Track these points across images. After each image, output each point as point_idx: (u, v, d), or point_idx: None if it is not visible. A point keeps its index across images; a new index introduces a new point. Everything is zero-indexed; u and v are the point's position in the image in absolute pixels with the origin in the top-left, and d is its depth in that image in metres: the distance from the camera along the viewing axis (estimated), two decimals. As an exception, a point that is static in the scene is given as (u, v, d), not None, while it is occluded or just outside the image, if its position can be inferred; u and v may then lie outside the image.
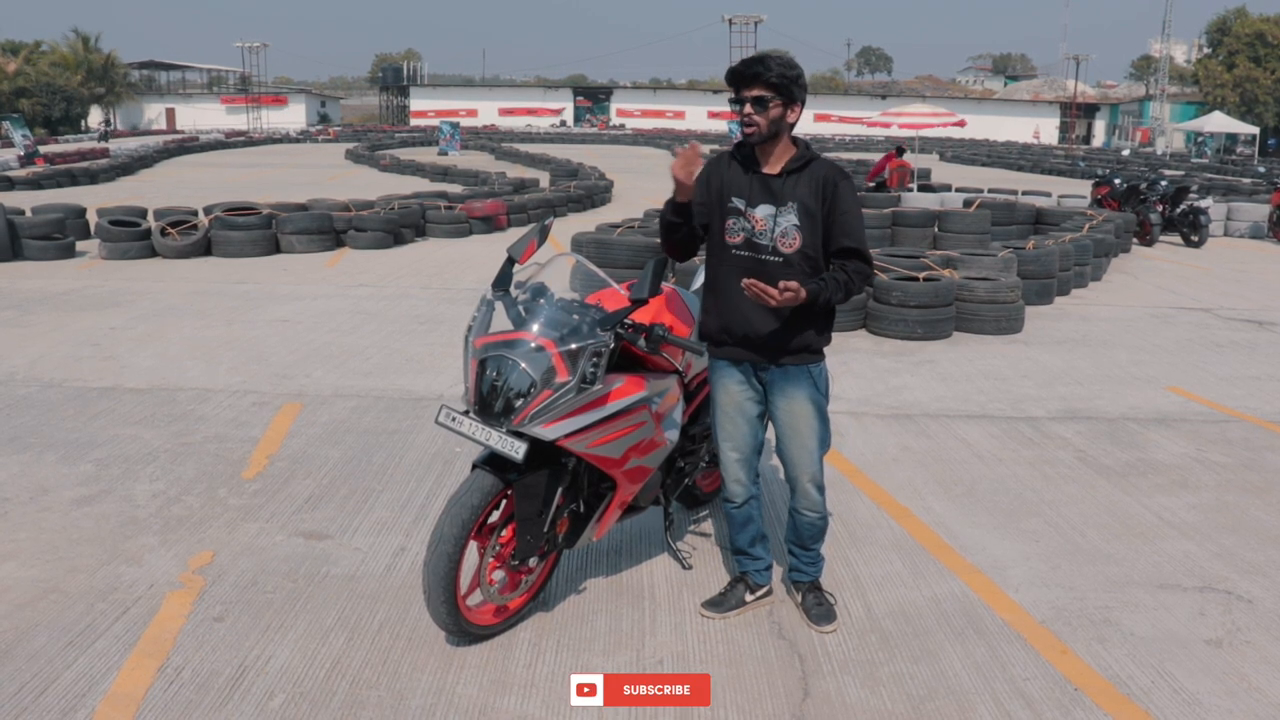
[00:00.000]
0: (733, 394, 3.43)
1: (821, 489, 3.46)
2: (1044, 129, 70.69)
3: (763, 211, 3.25)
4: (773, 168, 3.27)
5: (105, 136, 46.29)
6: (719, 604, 3.59)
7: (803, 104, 3.23)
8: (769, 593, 3.68)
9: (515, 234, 14.73)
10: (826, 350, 3.44)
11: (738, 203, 3.28)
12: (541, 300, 3.26)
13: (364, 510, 4.44)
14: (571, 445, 3.18)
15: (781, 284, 3.04)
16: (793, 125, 3.25)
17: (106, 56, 63.23)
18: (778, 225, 3.24)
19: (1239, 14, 58.61)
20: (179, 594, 3.64)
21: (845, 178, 3.27)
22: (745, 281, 3.08)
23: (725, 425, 3.47)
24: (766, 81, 3.14)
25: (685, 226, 3.29)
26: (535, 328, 3.15)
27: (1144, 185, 17.09)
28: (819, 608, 3.55)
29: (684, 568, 3.94)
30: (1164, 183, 17.35)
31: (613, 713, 2.98)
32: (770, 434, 3.59)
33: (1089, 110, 75.05)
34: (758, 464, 3.55)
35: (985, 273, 9.25)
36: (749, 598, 3.62)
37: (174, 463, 4.98)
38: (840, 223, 3.22)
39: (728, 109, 3.55)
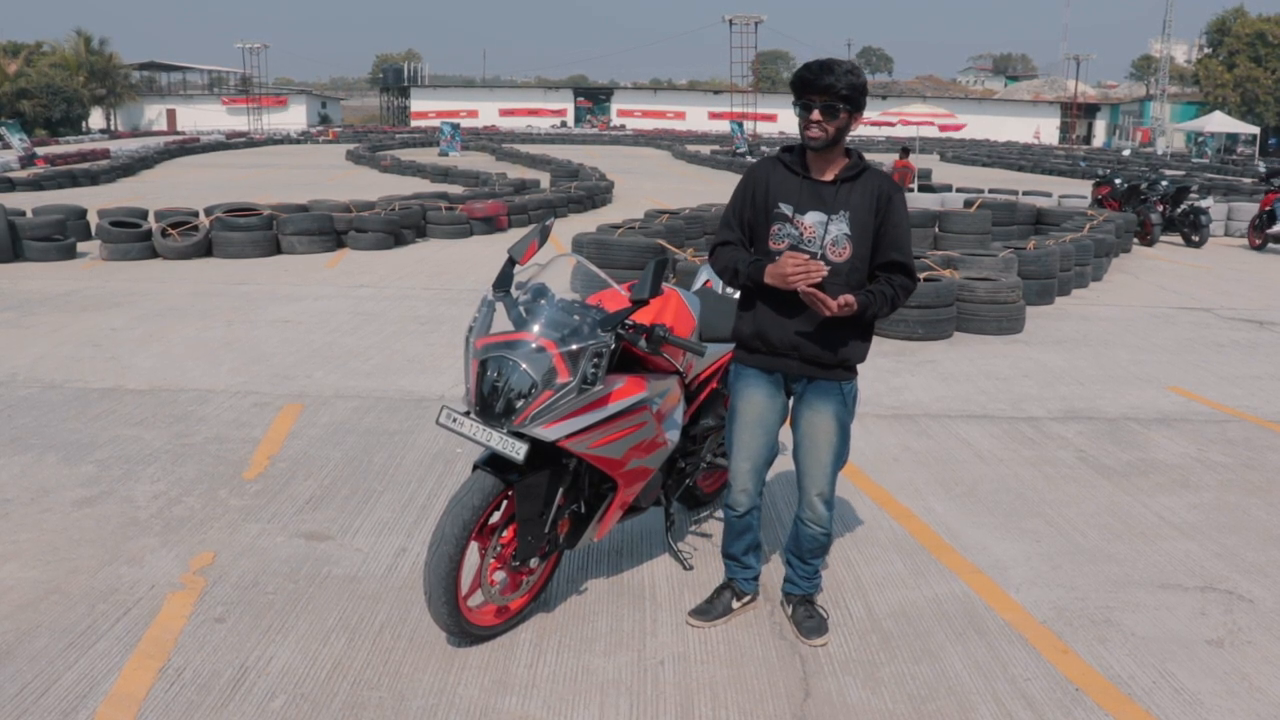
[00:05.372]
0: (757, 404, 3.33)
1: (829, 505, 3.37)
2: (1044, 129, 70.70)
3: (812, 219, 3.16)
4: (825, 175, 3.18)
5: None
6: (706, 612, 3.54)
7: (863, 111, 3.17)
8: (753, 599, 3.65)
9: (516, 235, 14.74)
10: None
11: (785, 208, 3.17)
12: (542, 301, 3.26)
13: (365, 511, 4.45)
14: (572, 446, 3.18)
15: (841, 299, 3.00)
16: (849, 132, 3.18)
17: (108, 58, 63.26)
18: (828, 233, 3.14)
19: (1239, 14, 58.60)
20: (180, 595, 3.64)
21: (898, 190, 3.21)
22: (805, 290, 3.00)
23: (742, 435, 3.36)
24: (837, 93, 3.04)
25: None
26: (536, 328, 3.15)
27: (1145, 185, 17.10)
28: (810, 620, 3.47)
29: (685, 568, 3.94)
30: (1165, 183, 17.35)
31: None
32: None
33: (1089, 110, 75.05)
34: (766, 474, 3.48)
35: (986, 273, 9.26)
36: (735, 605, 3.58)
37: (175, 463, 4.98)
38: (890, 236, 3.16)
39: (728, 109, 3.52)
